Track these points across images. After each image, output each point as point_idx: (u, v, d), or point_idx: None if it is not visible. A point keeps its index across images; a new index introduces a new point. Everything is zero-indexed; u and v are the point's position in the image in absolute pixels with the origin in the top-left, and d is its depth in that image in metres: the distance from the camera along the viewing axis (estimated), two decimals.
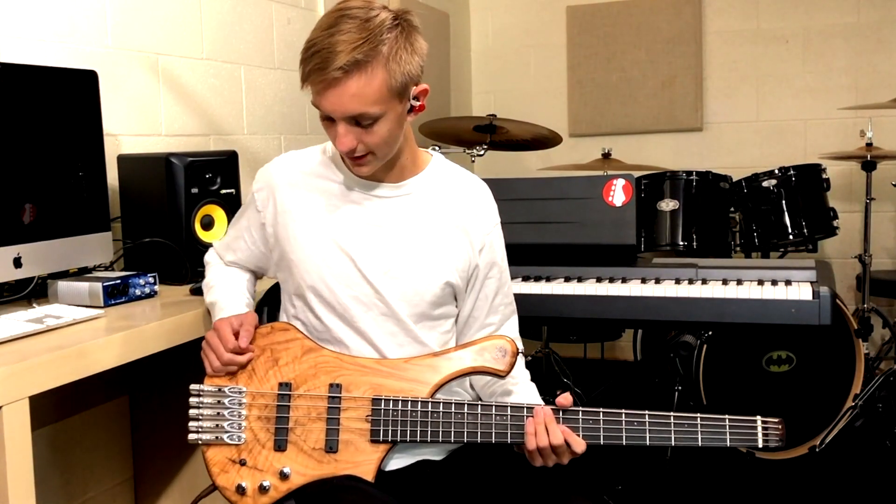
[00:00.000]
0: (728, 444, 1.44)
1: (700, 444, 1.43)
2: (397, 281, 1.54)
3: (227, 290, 1.66)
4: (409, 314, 1.55)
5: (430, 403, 1.47)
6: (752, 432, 1.44)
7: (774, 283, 2.24)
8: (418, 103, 1.49)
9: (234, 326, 1.53)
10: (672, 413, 1.44)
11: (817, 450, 2.94)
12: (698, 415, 1.44)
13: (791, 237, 3.28)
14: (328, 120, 1.46)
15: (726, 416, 1.44)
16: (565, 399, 1.45)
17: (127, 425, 2.17)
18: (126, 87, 2.30)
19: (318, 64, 1.38)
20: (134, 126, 2.32)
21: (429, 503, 1.49)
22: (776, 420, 1.44)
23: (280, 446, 1.47)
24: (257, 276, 1.75)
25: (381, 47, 1.38)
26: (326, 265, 1.54)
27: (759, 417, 1.44)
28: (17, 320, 1.56)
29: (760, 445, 1.43)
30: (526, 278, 2.42)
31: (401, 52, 1.41)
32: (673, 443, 1.44)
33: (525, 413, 1.45)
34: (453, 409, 1.46)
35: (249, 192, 1.67)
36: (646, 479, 2.94)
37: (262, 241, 1.64)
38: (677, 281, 2.32)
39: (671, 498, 2.86)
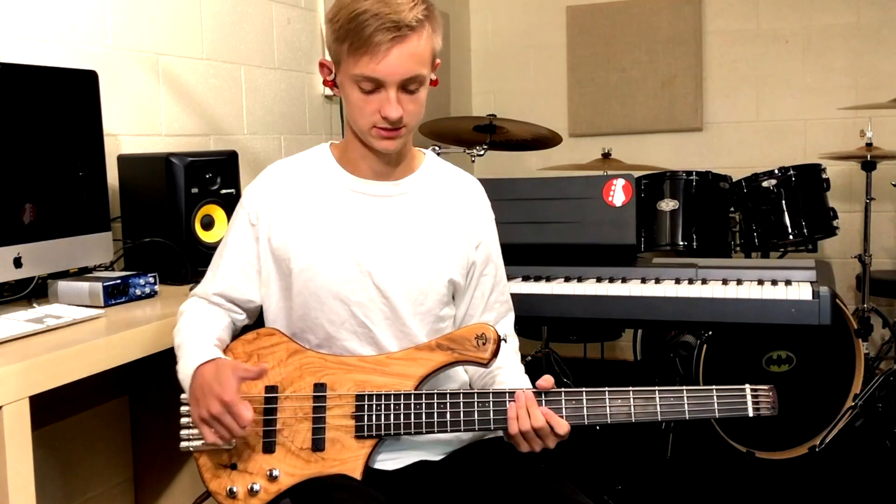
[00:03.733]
0: (717, 414, 1.41)
1: (687, 416, 1.40)
2: (403, 281, 1.53)
3: (197, 331, 1.51)
4: (411, 313, 1.54)
5: (412, 395, 1.46)
6: (741, 401, 1.41)
7: (774, 283, 2.24)
8: (434, 76, 1.51)
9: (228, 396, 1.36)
10: (657, 388, 1.42)
11: (817, 450, 2.94)
12: (684, 387, 1.42)
13: (791, 237, 3.28)
14: (367, 93, 1.42)
15: (713, 387, 1.41)
16: (546, 381, 1.44)
17: (127, 425, 2.16)
18: (126, 87, 2.29)
19: (384, 24, 1.35)
20: (134, 126, 2.32)
21: (427, 503, 1.49)
22: (766, 387, 1.41)
23: (268, 448, 1.46)
24: (237, 321, 1.61)
25: (430, 7, 1.42)
26: (330, 268, 1.52)
27: (747, 385, 1.41)
28: (17, 320, 1.56)
29: (751, 414, 1.40)
30: (526, 278, 2.42)
31: (438, 13, 1.46)
32: (659, 417, 1.41)
33: (507, 398, 1.44)
34: (436, 400, 1.45)
35: (238, 212, 1.59)
36: (646, 479, 2.94)
37: (254, 259, 1.56)
38: (677, 281, 2.31)
39: (671, 498, 2.86)
